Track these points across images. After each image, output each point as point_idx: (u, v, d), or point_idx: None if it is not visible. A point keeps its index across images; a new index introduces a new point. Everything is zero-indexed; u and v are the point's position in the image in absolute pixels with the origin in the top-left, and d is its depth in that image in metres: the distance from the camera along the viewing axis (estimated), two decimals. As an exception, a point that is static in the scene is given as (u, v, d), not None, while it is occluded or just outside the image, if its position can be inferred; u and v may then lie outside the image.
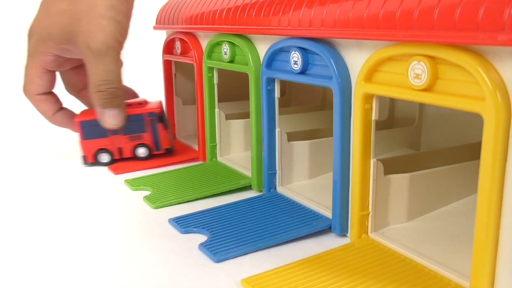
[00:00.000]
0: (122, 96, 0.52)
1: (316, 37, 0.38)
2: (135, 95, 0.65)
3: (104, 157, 0.58)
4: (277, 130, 0.46)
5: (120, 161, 0.59)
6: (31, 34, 0.53)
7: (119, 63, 0.51)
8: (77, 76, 0.58)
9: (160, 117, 0.58)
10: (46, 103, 0.55)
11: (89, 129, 0.57)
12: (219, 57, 0.52)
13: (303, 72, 0.40)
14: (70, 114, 0.58)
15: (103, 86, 0.50)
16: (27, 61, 0.54)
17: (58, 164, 0.59)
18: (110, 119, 0.52)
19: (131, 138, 0.58)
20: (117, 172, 0.56)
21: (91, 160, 0.58)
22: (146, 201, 0.47)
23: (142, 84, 0.64)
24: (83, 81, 0.57)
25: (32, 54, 0.53)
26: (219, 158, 0.58)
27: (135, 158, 0.59)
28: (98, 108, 0.52)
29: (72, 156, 0.62)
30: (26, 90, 0.55)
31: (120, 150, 0.58)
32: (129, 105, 0.57)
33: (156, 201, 0.46)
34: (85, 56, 0.50)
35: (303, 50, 0.40)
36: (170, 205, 0.46)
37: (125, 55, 0.53)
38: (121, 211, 0.45)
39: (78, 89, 0.59)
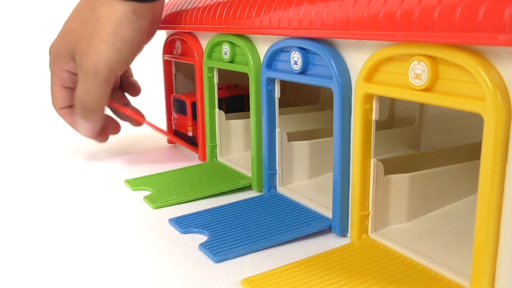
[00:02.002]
0: (99, 114, 0.55)
1: (316, 37, 0.38)
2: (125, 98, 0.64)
3: None
4: (277, 130, 0.46)
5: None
6: (49, 52, 0.55)
7: (103, 87, 0.52)
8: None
9: None
10: (71, 115, 0.57)
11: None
12: (219, 57, 0.52)
13: (303, 72, 0.40)
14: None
15: (79, 102, 0.53)
16: (50, 78, 0.57)
17: (58, 163, 0.59)
18: (81, 129, 0.56)
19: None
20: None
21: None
22: (146, 201, 0.47)
23: (142, 84, 0.64)
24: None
25: (51, 71, 0.56)
26: (219, 158, 0.58)
27: None
28: (76, 116, 0.55)
29: (72, 156, 0.62)
30: (53, 105, 0.58)
31: None
32: (227, 87, 0.59)
33: (156, 201, 0.46)
34: (78, 73, 0.53)
35: (303, 50, 0.40)
36: (170, 205, 0.46)
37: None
38: (121, 211, 0.45)
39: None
